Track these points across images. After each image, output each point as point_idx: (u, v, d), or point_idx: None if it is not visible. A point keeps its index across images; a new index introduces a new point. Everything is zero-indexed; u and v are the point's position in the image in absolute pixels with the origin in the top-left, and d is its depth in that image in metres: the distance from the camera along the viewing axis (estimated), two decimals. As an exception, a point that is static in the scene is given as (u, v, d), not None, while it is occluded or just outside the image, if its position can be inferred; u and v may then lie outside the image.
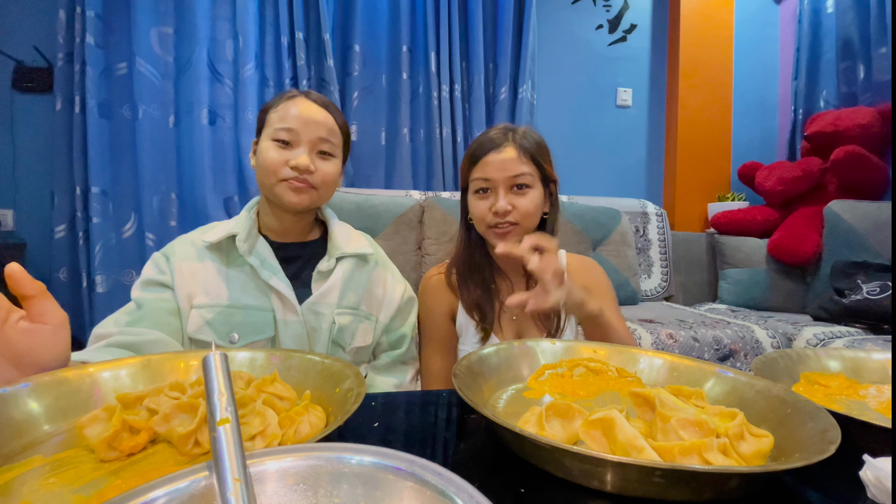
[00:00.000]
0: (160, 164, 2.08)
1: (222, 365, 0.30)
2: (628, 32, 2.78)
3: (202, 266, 0.78)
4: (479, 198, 0.87)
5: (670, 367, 0.54)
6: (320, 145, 0.80)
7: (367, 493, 0.27)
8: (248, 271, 0.79)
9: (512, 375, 0.55)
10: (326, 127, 0.80)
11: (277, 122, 0.78)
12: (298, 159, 0.76)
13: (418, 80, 2.40)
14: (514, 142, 0.86)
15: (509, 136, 0.86)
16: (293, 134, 0.78)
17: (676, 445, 0.35)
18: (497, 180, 0.84)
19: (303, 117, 0.78)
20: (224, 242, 0.80)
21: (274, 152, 0.77)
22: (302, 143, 0.78)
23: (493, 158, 0.84)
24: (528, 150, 0.86)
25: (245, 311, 0.76)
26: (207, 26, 2.11)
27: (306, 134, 0.78)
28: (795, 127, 2.68)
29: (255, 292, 0.78)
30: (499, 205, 0.83)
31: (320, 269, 0.82)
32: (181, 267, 0.78)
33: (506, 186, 0.84)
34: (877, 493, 0.32)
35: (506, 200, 0.83)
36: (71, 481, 0.33)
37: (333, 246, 0.85)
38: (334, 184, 0.84)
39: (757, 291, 2.17)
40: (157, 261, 0.79)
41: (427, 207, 2.06)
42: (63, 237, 1.98)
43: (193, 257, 0.79)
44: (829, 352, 0.62)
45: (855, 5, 2.35)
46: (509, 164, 0.84)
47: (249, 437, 0.37)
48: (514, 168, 0.84)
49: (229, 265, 0.79)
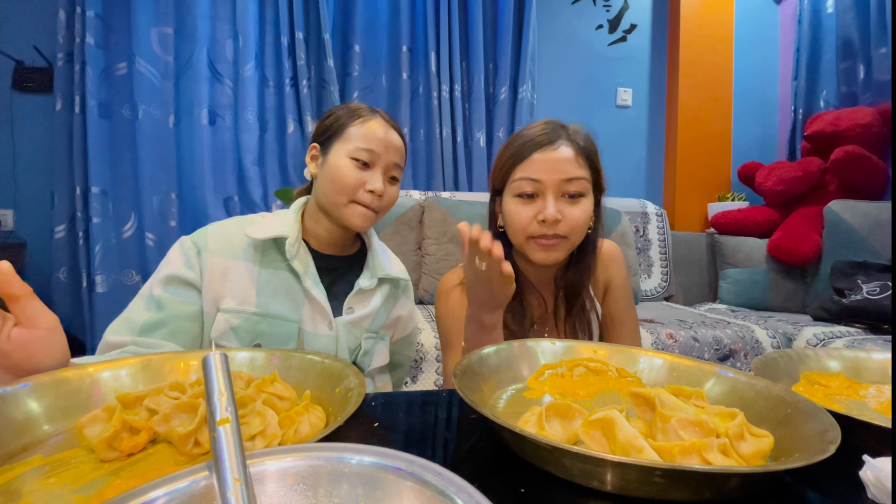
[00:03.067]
0: (160, 164, 2.08)
1: (222, 365, 0.30)
2: (628, 32, 2.78)
3: (235, 265, 0.74)
4: (522, 203, 0.75)
5: (670, 367, 0.54)
6: (393, 170, 0.79)
7: (367, 493, 0.27)
8: (283, 276, 0.76)
9: (512, 375, 0.55)
10: (400, 152, 0.80)
11: (360, 140, 0.76)
12: (375, 185, 0.75)
13: (418, 80, 2.40)
14: (570, 140, 0.75)
15: (563, 133, 0.75)
16: (373, 156, 0.76)
17: (676, 445, 0.35)
18: (547, 183, 0.72)
19: (385, 141, 0.77)
20: (264, 242, 0.77)
21: (353, 172, 0.75)
22: (378, 167, 0.77)
23: (545, 157, 0.73)
24: (584, 152, 0.75)
25: (271, 320, 0.73)
26: (207, 26, 2.11)
27: (384, 158, 0.77)
28: (795, 127, 2.68)
29: (285, 300, 0.75)
30: (548, 212, 0.71)
31: (362, 286, 0.80)
32: (213, 263, 0.73)
33: (556, 192, 0.73)
34: (877, 493, 0.32)
35: (556, 208, 0.72)
36: (71, 481, 0.33)
37: (376, 265, 0.83)
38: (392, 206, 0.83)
39: (757, 291, 2.17)
40: (186, 251, 0.74)
41: (427, 207, 2.06)
42: (63, 237, 1.98)
43: (227, 253, 0.75)
44: (829, 352, 0.62)
45: (855, 5, 2.35)
46: (564, 165, 0.72)
47: (249, 437, 0.37)
48: (570, 170, 0.72)
49: (263, 266, 0.76)
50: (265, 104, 2.22)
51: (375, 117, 0.79)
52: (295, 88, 2.24)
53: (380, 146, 0.76)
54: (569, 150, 0.73)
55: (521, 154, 0.75)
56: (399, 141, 0.80)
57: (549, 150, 0.73)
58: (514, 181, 0.75)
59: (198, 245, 0.75)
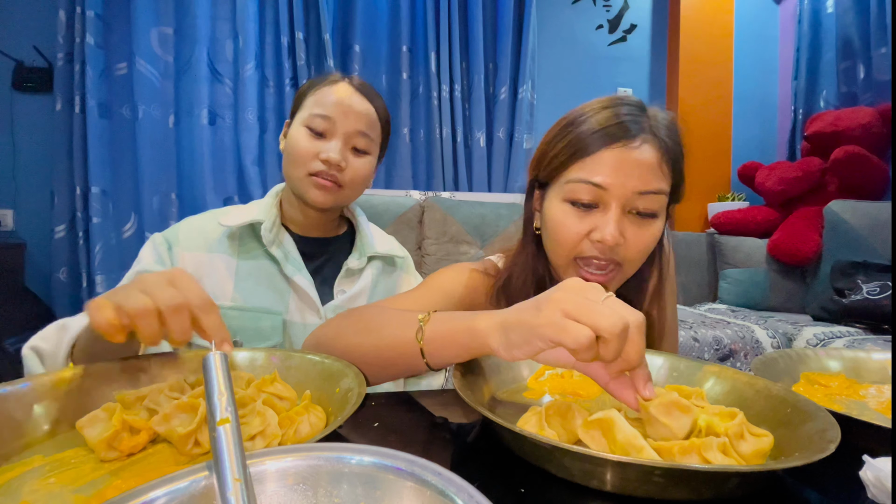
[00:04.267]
0: (160, 164, 2.08)
1: (222, 365, 0.30)
2: (628, 32, 2.78)
3: (209, 258, 0.71)
4: (575, 212, 0.57)
5: (670, 367, 0.54)
6: (355, 139, 0.72)
7: (367, 493, 0.27)
8: (264, 265, 0.72)
9: (512, 375, 0.55)
10: (367, 119, 0.72)
11: (314, 106, 0.70)
12: (330, 153, 0.69)
13: (418, 80, 2.40)
14: (654, 134, 0.56)
15: (644, 123, 0.56)
16: (329, 123, 0.70)
17: (676, 444, 0.35)
18: (614, 193, 0.54)
19: (342, 105, 0.70)
20: (240, 230, 0.73)
21: (305, 141, 0.70)
22: (337, 135, 0.70)
23: (619, 157, 0.54)
24: (671, 154, 0.57)
25: (251, 314, 0.69)
26: (207, 26, 2.11)
27: (343, 125, 0.70)
28: (795, 127, 2.68)
29: (268, 291, 0.71)
30: (607, 233, 0.54)
31: (350, 266, 0.76)
32: (185, 258, 0.71)
33: (624, 206, 0.55)
34: (877, 493, 0.32)
35: (617, 228, 0.54)
36: (71, 481, 0.33)
37: (364, 244, 0.79)
38: (364, 182, 0.75)
39: (757, 291, 2.17)
40: (157, 247, 0.71)
41: (427, 207, 2.07)
42: (63, 237, 1.98)
43: (201, 246, 0.71)
44: (829, 352, 0.62)
45: (855, 5, 2.35)
46: (643, 171, 0.54)
47: (249, 437, 0.37)
48: (648, 180, 0.54)
49: (241, 257, 0.72)
50: (265, 104, 2.22)
51: (340, 82, 0.73)
52: (295, 88, 2.24)
53: (336, 112, 0.70)
54: (652, 150, 0.55)
55: (584, 146, 0.56)
56: (365, 106, 0.72)
57: (627, 147, 0.54)
58: (568, 181, 0.57)
59: (168, 240, 0.72)
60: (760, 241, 2.30)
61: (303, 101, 0.73)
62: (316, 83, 0.74)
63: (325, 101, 0.70)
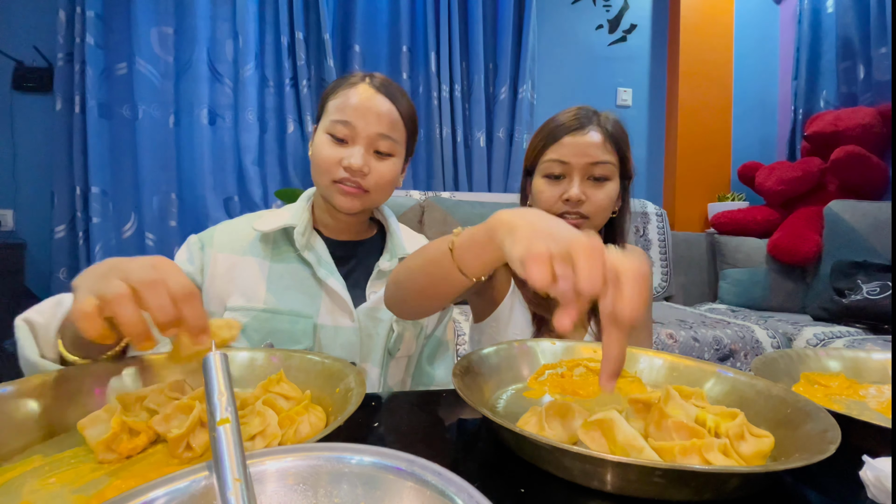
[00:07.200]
0: (160, 164, 2.08)
1: (222, 365, 0.30)
2: (628, 32, 2.78)
3: (242, 260, 0.72)
4: (549, 183, 0.78)
5: (670, 367, 0.54)
6: (378, 143, 0.71)
7: (367, 493, 0.27)
8: (297, 269, 0.73)
9: (512, 375, 0.55)
10: (388, 120, 0.71)
11: (334, 112, 0.70)
12: (352, 160, 0.69)
13: (418, 80, 2.40)
14: (600, 125, 0.78)
15: (594, 119, 0.78)
16: (349, 129, 0.70)
17: (677, 445, 0.35)
18: (574, 165, 0.76)
19: (362, 109, 0.70)
20: (273, 234, 0.74)
21: (327, 149, 0.70)
22: (358, 140, 0.70)
23: (574, 140, 0.76)
24: (613, 137, 0.78)
25: (284, 316, 0.70)
26: (207, 26, 2.11)
27: (364, 129, 0.70)
28: (795, 127, 2.68)
29: (299, 294, 0.71)
30: (572, 192, 0.75)
31: (381, 267, 0.76)
32: (217, 258, 0.71)
33: (582, 174, 0.76)
34: (877, 493, 0.32)
35: (580, 189, 0.75)
36: (71, 481, 0.33)
37: (395, 245, 0.79)
38: (391, 185, 0.75)
39: (757, 291, 2.17)
40: (190, 246, 0.73)
41: (427, 207, 2.06)
42: (63, 237, 1.98)
43: (235, 248, 0.72)
44: (829, 352, 0.62)
45: (855, 5, 2.35)
46: (591, 149, 0.76)
47: (249, 437, 0.37)
48: (596, 154, 0.76)
49: (274, 260, 0.73)
50: (265, 104, 2.22)
51: (360, 84, 0.72)
52: (295, 88, 2.24)
53: (356, 117, 0.69)
54: (597, 135, 0.76)
55: (552, 137, 0.78)
56: (387, 106, 0.71)
57: (579, 134, 0.76)
58: (543, 162, 0.79)
59: (203, 241, 0.73)
60: (760, 241, 2.30)
61: (325, 106, 0.74)
62: (337, 85, 0.74)
63: (344, 105, 0.70)
